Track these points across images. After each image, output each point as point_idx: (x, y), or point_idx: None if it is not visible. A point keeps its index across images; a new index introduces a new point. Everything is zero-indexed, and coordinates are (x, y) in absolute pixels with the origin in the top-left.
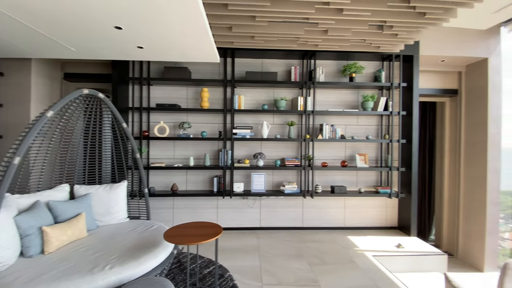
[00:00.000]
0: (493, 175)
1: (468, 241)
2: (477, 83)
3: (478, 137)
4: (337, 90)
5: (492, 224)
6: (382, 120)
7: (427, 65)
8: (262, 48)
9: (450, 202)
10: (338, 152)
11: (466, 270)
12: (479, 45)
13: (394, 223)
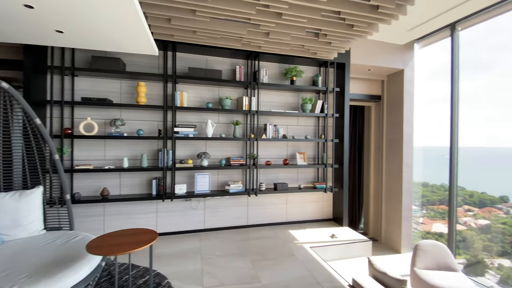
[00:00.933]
0: (407, 169)
1: (389, 227)
2: (395, 91)
3: (396, 136)
4: (280, 92)
5: (407, 211)
6: (319, 121)
7: (357, 73)
8: (205, 44)
9: (375, 193)
10: (280, 151)
11: (388, 252)
12: (397, 58)
13: (330, 215)
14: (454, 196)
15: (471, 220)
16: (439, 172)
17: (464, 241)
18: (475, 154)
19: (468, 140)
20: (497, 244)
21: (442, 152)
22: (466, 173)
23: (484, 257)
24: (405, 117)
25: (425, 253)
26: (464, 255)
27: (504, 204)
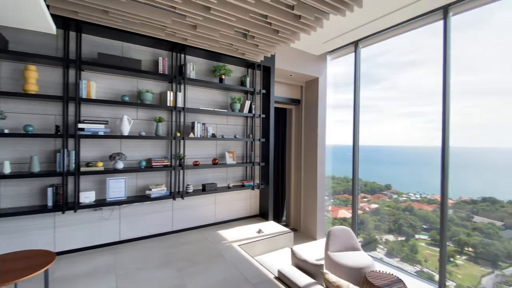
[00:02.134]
0: (320, 165)
1: (306, 217)
2: (311, 96)
3: (312, 136)
4: (208, 89)
5: (321, 202)
6: (247, 121)
7: (281, 77)
8: (121, 29)
9: (295, 188)
10: (209, 151)
11: (306, 240)
12: (313, 66)
13: (257, 211)
14: (356, 186)
15: (366, 205)
16: (343, 167)
17: (362, 223)
18: (370, 151)
19: (365, 139)
20: (384, 223)
21: (346, 150)
22: (362, 167)
23: (375, 235)
24: (319, 120)
25: (336, 238)
26: (362, 235)
27: (388, 191)
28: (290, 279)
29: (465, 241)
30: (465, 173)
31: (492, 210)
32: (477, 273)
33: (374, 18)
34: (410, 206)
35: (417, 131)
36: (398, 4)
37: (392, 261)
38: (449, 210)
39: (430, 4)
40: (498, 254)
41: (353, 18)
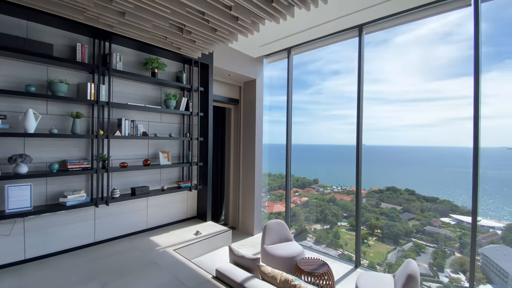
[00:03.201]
0: (257, 163)
1: (244, 214)
2: (249, 97)
3: (250, 136)
4: (139, 83)
5: (258, 199)
6: (184, 119)
7: (220, 76)
8: (23, 4)
9: (234, 186)
10: (140, 151)
11: (245, 237)
12: (251, 68)
13: (194, 213)
14: (289, 182)
15: (297, 199)
16: (278, 164)
17: (294, 215)
18: (301, 149)
19: (297, 139)
20: (312, 214)
21: (280, 148)
22: (294, 164)
23: (305, 225)
24: (257, 120)
25: (271, 231)
26: (294, 227)
27: (316, 185)
28: (228, 277)
29: (375, 225)
30: (375, 167)
31: (393, 197)
32: (384, 251)
33: (304, 28)
34: (334, 198)
35: (339, 132)
36: (323, 19)
37: (320, 248)
38: (363, 199)
39: (349, 22)
40: (399, 233)
41: (286, 26)
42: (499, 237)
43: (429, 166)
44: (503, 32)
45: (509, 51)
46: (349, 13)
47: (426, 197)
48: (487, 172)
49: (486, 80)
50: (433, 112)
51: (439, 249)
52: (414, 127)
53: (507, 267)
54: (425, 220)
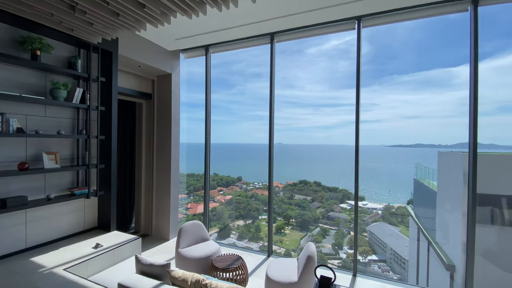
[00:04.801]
0: (174, 163)
1: (159, 219)
2: (164, 92)
3: (165, 134)
4: (12, 66)
5: (174, 200)
6: (79, 114)
7: (128, 67)
8: None
9: (147, 189)
10: (13, 151)
11: (158, 243)
12: (166, 62)
13: (95, 223)
14: (207, 181)
15: (222, 197)
16: (202, 164)
17: (218, 214)
18: (225, 148)
19: (225, 138)
20: (236, 211)
21: (201, 147)
22: (219, 163)
23: (229, 222)
24: (173, 117)
25: (187, 233)
26: (218, 225)
27: (240, 182)
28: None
29: (290, 215)
30: (291, 163)
31: (304, 189)
32: (297, 238)
33: (220, 28)
34: (255, 193)
35: (260, 131)
36: (238, 22)
37: (242, 243)
38: (280, 192)
39: (262, 29)
40: (309, 221)
41: (203, 23)
42: (380, 216)
43: (332, 161)
44: (383, 54)
45: (386, 69)
46: (261, 20)
47: (329, 187)
48: (371, 165)
49: (369, 92)
50: (335, 115)
51: (339, 230)
52: (322, 128)
53: (386, 240)
54: (328, 207)
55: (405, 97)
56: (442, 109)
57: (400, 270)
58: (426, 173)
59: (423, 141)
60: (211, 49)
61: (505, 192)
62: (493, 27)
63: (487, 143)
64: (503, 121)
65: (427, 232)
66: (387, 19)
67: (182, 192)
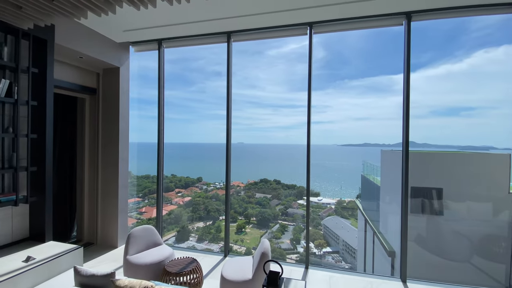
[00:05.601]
0: (123, 164)
1: (105, 225)
2: (111, 87)
3: (112, 132)
4: None
5: (123, 204)
6: (4, 109)
7: (68, 58)
8: None
9: (90, 194)
10: None
11: (105, 252)
12: (113, 54)
13: (26, 234)
14: (160, 183)
15: (180, 199)
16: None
17: (176, 217)
18: (184, 147)
19: (183, 137)
20: (195, 213)
21: (154, 147)
22: (177, 163)
23: (188, 225)
24: (121, 114)
25: (136, 239)
26: (176, 228)
27: (200, 183)
28: None
29: (251, 213)
30: (252, 162)
31: (265, 187)
32: (258, 235)
33: (174, 22)
34: (216, 194)
35: (222, 131)
36: (194, 18)
37: (202, 245)
38: (241, 191)
39: (218, 27)
40: (269, 218)
41: (156, 16)
42: (333, 210)
43: (291, 160)
44: (336, 60)
45: (339, 74)
46: (217, 18)
47: (287, 185)
48: (325, 163)
49: (324, 95)
50: (294, 116)
51: (297, 226)
52: (282, 128)
53: (338, 232)
54: (287, 204)
55: (354, 101)
56: (386, 112)
57: (351, 260)
58: (371, 170)
59: (369, 141)
60: (165, 44)
61: (434, 185)
62: (428, 41)
63: (421, 142)
64: (434, 123)
65: (372, 223)
66: (335, 27)
67: (135, 195)
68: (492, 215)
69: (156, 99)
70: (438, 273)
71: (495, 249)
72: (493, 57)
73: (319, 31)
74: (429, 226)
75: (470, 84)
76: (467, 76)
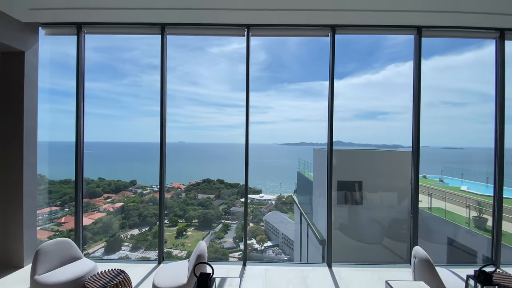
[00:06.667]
0: (29, 168)
1: (7, 242)
2: (13, 75)
3: (14, 131)
4: None
5: (30, 216)
6: None
7: None
8: None
9: None
10: None
11: (7, 273)
12: (16, 35)
13: None
14: (80, 188)
15: (110, 205)
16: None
17: (105, 226)
18: (115, 147)
19: (111, 136)
20: (129, 219)
21: (87, 147)
22: (104, 165)
23: (120, 233)
24: (27, 109)
25: (47, 256)
26: (105, 239)
27: (133, 187)
28: None
29: (193, 216)
30: (195, 162)
31: (208, 187)
32: (200, 237)
33: (96, 6)
34: (154, 197)
35: (158, 129)
36: (121, 3)
37: (137, 254)
38: (182, 193)
39: (151, 17)
40: (212, 219)
41: None
42: (274, 206)
43: (235, 159)
44: (277, 63)
45: (279, 77)
46: (148, 8)
47: (231, 184)
48: (268, 161)
49: (266, 96)
50: (237, 116)
51: (240, 223)
52: (226, 127)
53: (278, 226)
54: (230, 203)
55: (292, 103)
56: (318, 114)
57: (290, 251)
58: (306, 167)
59: (305, 140)
60: (86, 29)
61: (356, 178)
62: (353, 53)
63: (347, 141)
64: (357, 125)
65: (307, 216)
66: (271, 31)
67: (51, 204)
68: (397, 203)
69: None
70: (358, 255)
71: (399, 231)
72: (401, 70)
73: (256, 33)
74: (351, 215)
75: (384, 93)
76: (382, 85)
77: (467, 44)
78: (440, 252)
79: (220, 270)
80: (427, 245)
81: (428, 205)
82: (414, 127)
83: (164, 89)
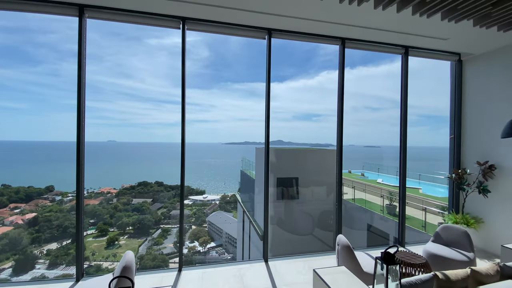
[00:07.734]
0: None
1: None
2: None
3: None
4: None
5: None
6: None
7: None
8: None
9: None
10: None
11: None
12: None
13: None
14: None
15: (19, 217)
16: None
17: (12, 241)
18: (9, 148)
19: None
20: (45, 232)
21: None
22: (9, 170)
23: (34, 249)
24: None
25: None
26: (12, 258)
27: (50, 194)
28: None
29: (127, 222)
30: (127, 164)
31: (145, 191)
32: (136, 245)
33: None
34: None
35: (87, 126)
36: None
37: (56, 271)
38: (113, 198)
39: None
40: (149, 224)
41: None
42: (217, 206)
43: (175, 159)
44: (220, 62)
45: (222, 76)
46: None
47: (172, 186)
48: (212, 161)
49: (209, 94)
50: (178, 113)
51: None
52: (165, 125)
53: (222, 226)
54: (171, 206)
55: (237, 102)
56: (261, 115)
57: (233, 250)
58: (248, 165)
59: (249, 139)
60: None
61: (293, 175)
62: (292, 57)
63: (287, 141)
64: (295, 125)
65: (249, 213)
66: (208, 27)
67: None
68: (326, 196)
69: None
70: (293, 247)
71: (328, 221)
72: (332, 77)
73: (193, 28)
74: (287, 210)
75: (318, 96)
76: (316, 90)
77: (383, 58)
78: (361, 237)
79: (153, 279)
80: (350, 233)
81: (352, 197)
82: (338, 128)
83: (83, 79)
